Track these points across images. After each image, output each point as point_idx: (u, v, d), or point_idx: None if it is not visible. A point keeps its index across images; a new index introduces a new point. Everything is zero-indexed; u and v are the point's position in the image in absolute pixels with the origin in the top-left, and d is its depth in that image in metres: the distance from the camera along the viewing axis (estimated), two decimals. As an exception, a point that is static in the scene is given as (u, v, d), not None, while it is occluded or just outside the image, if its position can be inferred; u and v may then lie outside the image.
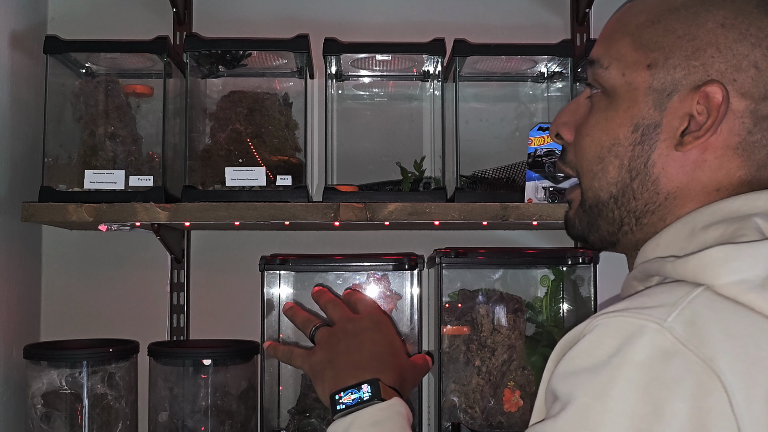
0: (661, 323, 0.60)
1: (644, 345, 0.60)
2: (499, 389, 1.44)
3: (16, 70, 1.43)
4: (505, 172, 1.49)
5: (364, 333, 0.98)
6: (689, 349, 0.59)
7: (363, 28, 1.66)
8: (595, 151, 0.76)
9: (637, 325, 0.61)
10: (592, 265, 1.46)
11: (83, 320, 1.60)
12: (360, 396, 0.89)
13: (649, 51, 0.74)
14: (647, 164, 0.73)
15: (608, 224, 0.78)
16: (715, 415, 0.57)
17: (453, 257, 1.43)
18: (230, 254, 1.65)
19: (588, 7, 1.64)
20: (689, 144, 0.71)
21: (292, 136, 1.46)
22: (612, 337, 0.61)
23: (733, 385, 0.57)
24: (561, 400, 0.62)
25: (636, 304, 0.63)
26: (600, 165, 0.76)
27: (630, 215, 0.76)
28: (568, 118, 0.81)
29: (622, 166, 0.75)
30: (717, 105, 0.70)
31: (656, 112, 0.73)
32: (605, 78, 0.76)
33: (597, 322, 0.63)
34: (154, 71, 1.46)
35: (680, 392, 0.58)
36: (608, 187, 0.76)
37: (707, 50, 0.72)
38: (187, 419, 1.39)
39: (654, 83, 0.73)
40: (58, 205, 1.30)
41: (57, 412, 1.36)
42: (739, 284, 0.62)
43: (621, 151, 0.75)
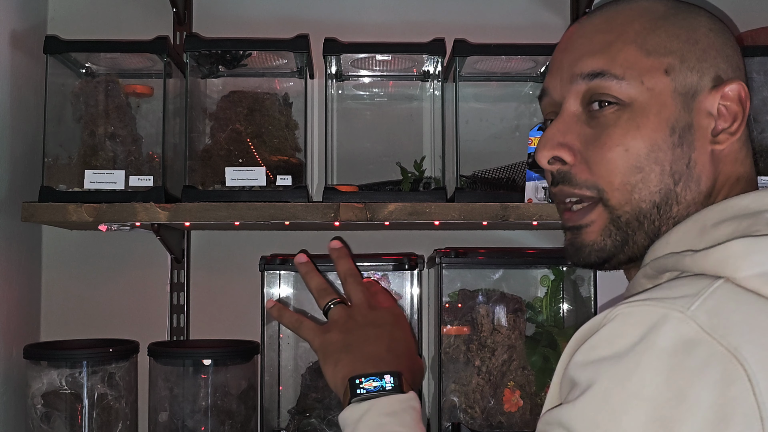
0: (684, 311, 0.60)
1: (668, 333, 0.59)
2: (499, 389, 1.44)
3: (16, 70, 1.43)
4: (505, 172, 1.49)
5: (385, 327, 0.99)
6: (713, 338, 0.59)
7: (363, 28, 1.66)
8: (630, 162, 0.73)
9: (660, 314, 0.60)
10: (592, 265, 1.46)
11: (83, 320, 1.60)
12: (382, 385, 0.90)
13: (661, 56, 0.74)
14: (689, 165, 0.74)
15: (646, 237, 0.75)
16: (739, 404, 0.57)
17: (453, 257, 1.43)
18: (230, 254, 1.65)
19: (588, 7, 1.64)
20: (725, 141, 0.74)
21: (292, 136, 1.46)
22: (635, 326, 0.61)
23: (757, 374, 0.57)
24: (580, 386, 0.62)
25: (657, 295, 0.62)
26: (639, 174, 0.73)
27: (669, 221, 0.74)
28: (563, 138, 0.76)
29: (664, 172, 0.73)
30: (744, 101, 0.73)
31: (686, 114, 0.74)
32: (622, 89, 0.74)
33: (618, 311, 0.63)
34: (154, 71, 1.46)
35: (704, 380, 0.57)
36: (651, 197, 0.74)
37: (709, 52, 0.75)
38: (187, 419, 1.39)
39: (677, 86, 0.74)
40: (58, 205, 1.30)
41: (57, 412, 1.36)
42: (761, 276, 0.62)
43: (661, 156, 0.73)
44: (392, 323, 1.01)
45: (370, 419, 0.86)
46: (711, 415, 0.57)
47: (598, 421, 0.59)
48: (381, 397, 0.88)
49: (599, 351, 0.62)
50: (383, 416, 0.86)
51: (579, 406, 0.61)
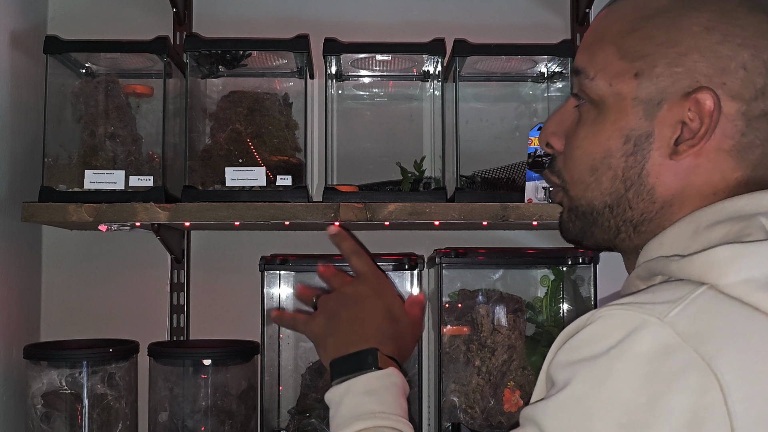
0: (662, 318, 0.60)
1: (645, 338, 0.60)
2: (499, 389, 1.44)
3: (16, 70, 1.43)
4: (505, 172, 1.49)
5: (365, 300, 0.98)
6: (689, 346, 0.59)
7: (363, 28, 1.66)
8: (587, 162, 0.76)
9: (639, 319, 0.61)
10: (592, 265, 1.47)
11: (83, 320, 1.60)
12: (358, 364, 0.90)
13: (633, 60, 0.73)
14: (641, 174, 0.73)
15: (603, 232, 0.77)
16: (710, 413, 0.57)
17: (453, 257, 1.43)
18: (230, 254, 1.65)
19: (588, 7, 1.64)
20: (684, 152, 0.71)
21: (292, 136, 1.46)
22: (613, 329, 0.62)
23: (730, 384, 0.57)
24: (557, 385, 0.63)
25: (639, 300, 0.63)
26: (593, 176, 0.76)
27: (627, 224, 0.75)
28: (556, 127, 0.80)
29: (616, 177, 0.74)
30: (709, 112, 0.69)
31: (647, 122, 0.72)
32: (592, 89, 0.75)
33: (600, 314, 0.64)
34: (154, 71, 1.46)
35: (677, 387, 0.58)
36: (602, 197, 0.76)
37: (690, 55, 0.70)
38: (187, 419, 1.39)
39: (641, 93, 0.72)
40: (58, 205, 1.30)
41: (57, 412, 1.36)
42: (745, 283, 0.61)
43: (614, 162, 0.74)
44: (371, 295, 0.99)
45: (349, 399, 0.87)
46: (682, 423, 0.57)
47: (570, 424, 0.60)
48: (359, 376, 0.89)
49: (578, 352, 0.63)
50: (362, 395, 0.87)
51: (552, 406, 0.62)
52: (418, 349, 1.44)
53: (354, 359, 0.91)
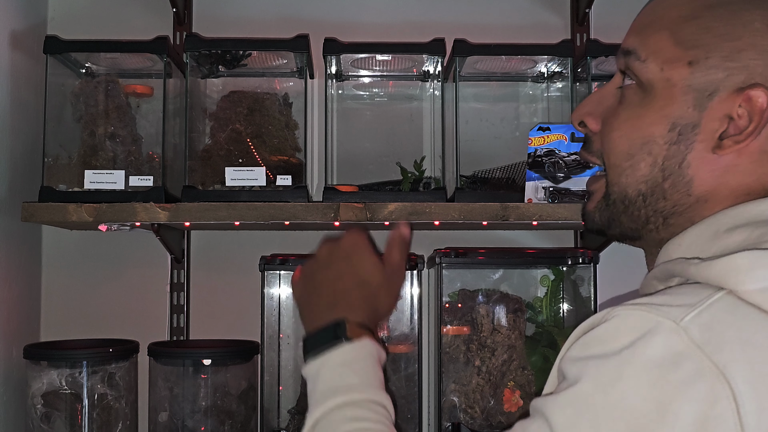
0: (677, 322, 0.60)
1: (658, 342, 0.59)
2: (499, 389, 1.44)
3: (16, 70, 1.43)
4: (505, 172, 1.49)
5: (333, 266, 0.93)
6: (703, 353, 0.58)
7: (363, 28, 1.66)
8: (625, 146, 0.74)
9: (654, 321, 0.60)
10: (592, 265, 1.46)
11: (83, 320, 1.60)
12: (329, 338, 0.87)
13: (689, 48, 0.71)
14: (682, 165, 0.71)
15: (632, 221, 0.76)
16: (721, 423, 0.56)
17: (453, 257, 1.43)
18: (230, 254, 1.65)
19: (588, 7, 1.64)
20: (728, 148, 0.70)
21: (292, 136, 1.46)
22: (628, 330, 0.61)
23: (744, 394, 0.56)
24: (567, 381, 0.62)
25: (656, 301, 0.62)
26: (629, 161, 0.74)
27: (657, 215, 0.74)
28: (593, 107, 0.79)
29: (655, 165, 0.73)
30: (761, 109, 0.68)
31: (695, 112, 0.70)
32: (642, 71, 0.74)
33: (616, 313, 0.63)
34: (154, 71, 1.46)
35: (688, 395, 0.57)
36: (637, 185, 0.74)
37: (746, 51, 0.69)
38: (187, 419, 1.39)
39: (693, 82, 0.71)
40: (58, 205, 1.30)
41: (57, 412, 1.36)
42: (763, 292, 0.61)
43: (655, 149, 0.72)
44: (342, 257, 0.94)
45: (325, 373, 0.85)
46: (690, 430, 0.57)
47: (577, 422, 0.60)
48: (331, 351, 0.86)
49: (591, 349, 0.63)
50: (336, 367, 0.85)
51: (561, 400, 0.62)
52: (418, 349, 1.45)
53: (324, 333, 0.88)
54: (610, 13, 1.68)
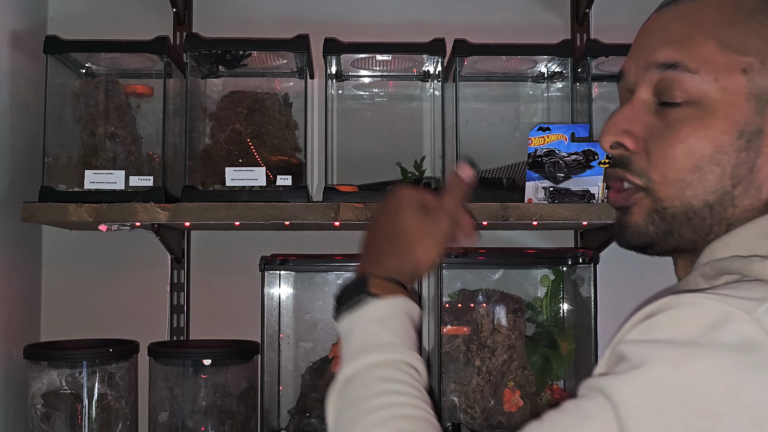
0: (750, 313, 0.60)
1: (733, 330, 0.60)
2: (499, 389, 1.44)
3: (16, 70, 1.43)
4: (505, 172, 1.49)
5: (376, 222, 0.92)
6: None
7: (363, 28, 1.66)
8: (692, 160, 0.73)
9: (726, 311, 0.61)
10: (592, 265, 1.46)
11: (83, 320, 1.60)
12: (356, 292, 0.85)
13: (740, 54, 0.71)
14: (752, 170, 0.72)
15: (694, 232, 0.75)
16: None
17: (453, 257, 1.43)
18: (230, 254, 1.65)
19: (588, 7, 1.64)
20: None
21: (292, 136, 1.46)
22: (700, 317, 0.61)
23: None
24: (630, 361, 0.61)
25: (724, 293, 0.62)
26: (697, 174, 0.73)
27: (722, 222, 0.74)
28: (628, 125, 0.77)
29: (724, 174, 0.72)
30: None
31: (758, 118, 0.71)
32: (695, 84, 0.73)
33: (684, 300, 0.63)
34: (154, 71, 1.46)
35: (760, 382, 0.58)
36: (704, 196, 0.73)
37: None
38: (187, 419, 1.39)
39: (752, 88, 0.71)
40: (58, 205, 1.30)
41: (57, 412, 1.36)
42: None
43: (725, 158, 0.72)
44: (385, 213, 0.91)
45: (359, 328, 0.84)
46: (757, 418, 0.57)
47: (644, 401, 0.60)
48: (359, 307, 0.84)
49: (657, 333, 0.62)
50: (369, 322, 0.84)
51: (626, 379, 0.61)
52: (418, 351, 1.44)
53: (353, 289, 0.86)
54: (610, 13, 1.68)
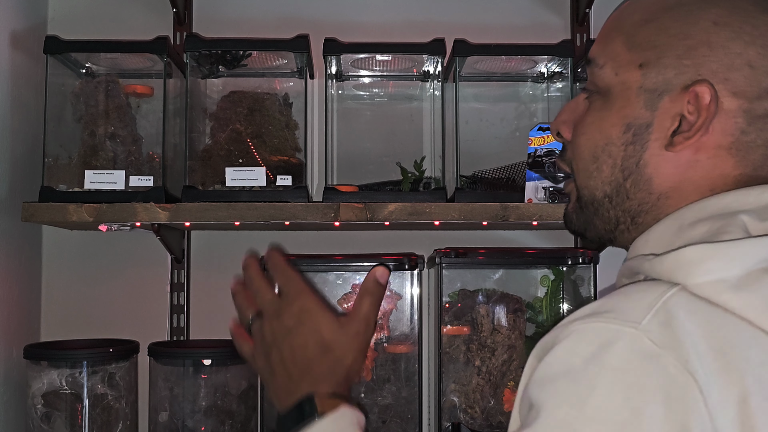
0: (636, 327, 0.60)
1: (621, 350, 0.60)
2: (499, 389, 1.44)
3: (16, 70, 1.43)
4: (505, 172, 1.49)
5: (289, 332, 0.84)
6: (665, 351, 0.59)
7: (363, 28, 1.66)
8: (590, 150, 0.76)
9: (613, 331, 0.61)
10: (592, 265, 1.47)
11: (83, 320, 1.60)
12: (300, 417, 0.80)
13: (642, 50, 0.73)
14: (639, 164, 0.73)
15: (604, 223, 0.78)
16: (693, 416, 0.57)
17: (453, 257, 1.43)
18: (230, 254, 1.64)
19: (588, 7, 1.64)
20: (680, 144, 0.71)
21: (292, 136, 1.46)
22: (588, 344, 0.61)
23: (707, 385, 0.57)
24: (536, 407, 0.61)
25: (610, 307, 0.63)
26: (595, 164, 0.76)
27: (625, 214, 0.76)
28: (567, 116, 0.81)
29: (615, 166, 0.74)
30: (705, 105, 0.69)
31: (648, 112, 0.72)
32: (600, 77, 0.76)
33: (573, 329, 0.63)
34: (154, 71, 1.46)
35: (658, 395, 0.58)
36: (603, 186, 0.76)
37: (699, 49, 0.70)
38: (187, 419, 1.39)
39: (646, 83, 0.72)
40: (58, 205, 1.30)
41: (57, 412, 1.36)
42: (714, 284, 0.62)
43: (614, 150, 0.74)
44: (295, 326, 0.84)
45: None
46: (668, 429, 0.57)
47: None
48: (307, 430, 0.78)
49: (554, 368, 0.62)
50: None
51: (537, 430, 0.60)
52: (418, 349, 1.45)
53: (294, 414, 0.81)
54: (610, 13, 1.67)
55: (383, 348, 1.45)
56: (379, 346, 1.45)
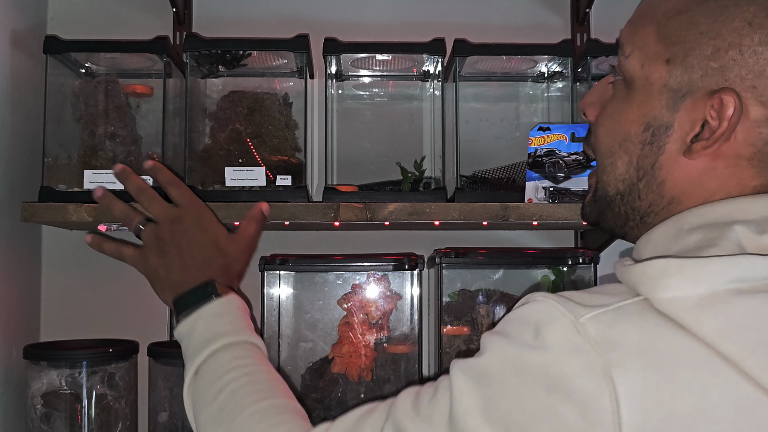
0: (576, 318, 0.62)
1: (555, 333, 0.62)
2: (499, 389, 1.44)
3: (16, 70, 1.43)
4: (505, 172, 1.49)
5: (190, 234, 1.02)
6: (594, 350, 0.60)
7: (363, 28, 1.66)
8: (608, 143, 0.75)
9: (558, 313, 0.63)
10: (592, 265, 1.46)
11: (83, 320, 1.60)
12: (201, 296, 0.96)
13: (671, 44, 0.69)
14: (654, 166, 0.71)
15: (615, 218, 0.77)
16: (599, 419, 0.58)
17: (453, 257, 1.43)
18: (230, 254, 1.64)
19: (588, 7, 1.64)
20: (698, 152, 0.68)
21: (292, 136, 1.46)
22: (534, 315, 0.64)
23: (626, 396, 0.57)
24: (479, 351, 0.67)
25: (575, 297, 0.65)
26: (610, 159, 0.74)
27: (635, 213, 0.74)
28: (594, 98, 0.78)
29: (631, 164, 0.72)
30: (728, 116, 0.66)
31: (668, 113, 0.69)
32: (626, 67, 0.73)
33: (534, 298, 0.66)
34: (154, 71, 1.46)
35: (574, 386, 0.59)
36: (616, 183, 0.74)
37: (729, 52, 0.66)
38: (187, 419, 1.39)
39: (670, 81, 0.69)
40: (57, 205, 1.30)
41: (57, 413, 1.36)
42: (674, 301, 0.60)
43: (631, 148, 0.72)
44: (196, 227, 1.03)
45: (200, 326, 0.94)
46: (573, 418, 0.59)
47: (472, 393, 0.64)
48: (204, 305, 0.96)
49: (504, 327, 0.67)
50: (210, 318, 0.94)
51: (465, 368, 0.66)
52: (418, 349, 1.44)
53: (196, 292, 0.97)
54: (610, 13, 1.68)
55: (383, 348, 1.45)
56: (379, 346, 1.45)
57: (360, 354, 1.43)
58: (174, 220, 1.03)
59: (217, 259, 1.01)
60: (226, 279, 1.01)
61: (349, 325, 1.45)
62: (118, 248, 1.10)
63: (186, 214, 1.04)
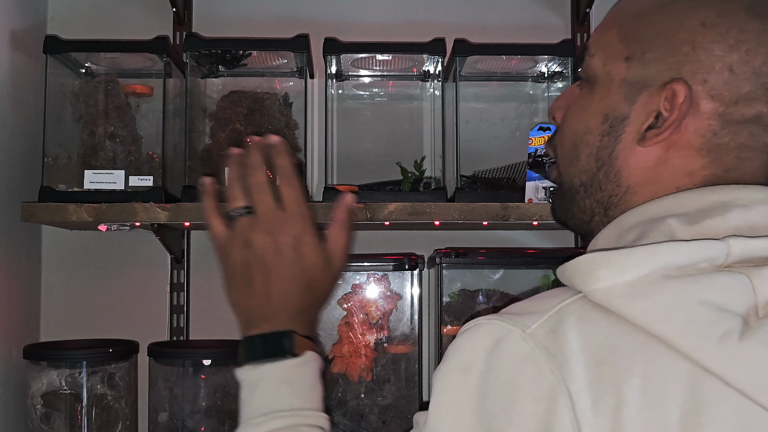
0: (524, 330, 0.63)
1: (507, 349, 0.63)
2: (500, 389, 1.44)
3: (16, 69, 1.43)
4: (505, 172, 1.49)
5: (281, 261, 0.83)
6: (544, 355, 0.61)
7: (363, 28, 1.66)
8: (572, 137, 0.77)
9: (506, 330, 0.64)
10: (592, 265, 1.46)
11: (83, 320, 1.60)
12: (274, 348, 0.83)
13: (631, 43, 0.74)
14: (611, 156, 0.74)
15: (581, 212, 0.78)
16: (559, 419, 0.59)
17: (453, 257, 1.43)
18: (230, 254, 1.64)
19: (588, 7, 1.64)
20: (650, 140, 0.71)
21: (292, 136, 1.46)
22: (480, 339, 0.65)
23: (578, 393, 0.59)
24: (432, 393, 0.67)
25: (517, 309, 0.66)
26: (575, 152, 0.77)
27: (599, 205, 0.76)
28: (562, 102, 0.82)
29: (591, 155, 0.75)
30: (678, 104, 0.69)
31: (626, 105, 0.73)
32: (589, 66, 0.77)
33: (476, 323, 0.67)
34: (154, 71, 1.46)
35: (530, 395, 0.61)
36: (579, 174, 0.77)
37: (682, 48, 0.70)
38: (187, 419, 1.39)
39: (628, 75, 0.73)
40: (57, 205, 1.30)
41: (57, 413, 1.36)
42: (605, 291, 0.62)
43: (591, 140, 0.75)
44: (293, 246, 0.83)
45: (265, 387, 0.85)
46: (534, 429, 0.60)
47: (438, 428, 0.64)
48: (275, 362, 0.83)
49: (451, 359, 0.66)
50: (277, 384, 0.84)
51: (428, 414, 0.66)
52: (418, 349, 1.44)
53: (269, 341, 0.84)
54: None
55: (383, 348, 1.45)
56: (379, 346, 1.45)
57: (360, 354, 1.43)
58: (269, 227, 0.85)
59: (304, 297, 0.84)
60: (308, 321, 0.85)
61: (349, 325, 1.45)
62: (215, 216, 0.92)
63: (285, 223, 0.85)
